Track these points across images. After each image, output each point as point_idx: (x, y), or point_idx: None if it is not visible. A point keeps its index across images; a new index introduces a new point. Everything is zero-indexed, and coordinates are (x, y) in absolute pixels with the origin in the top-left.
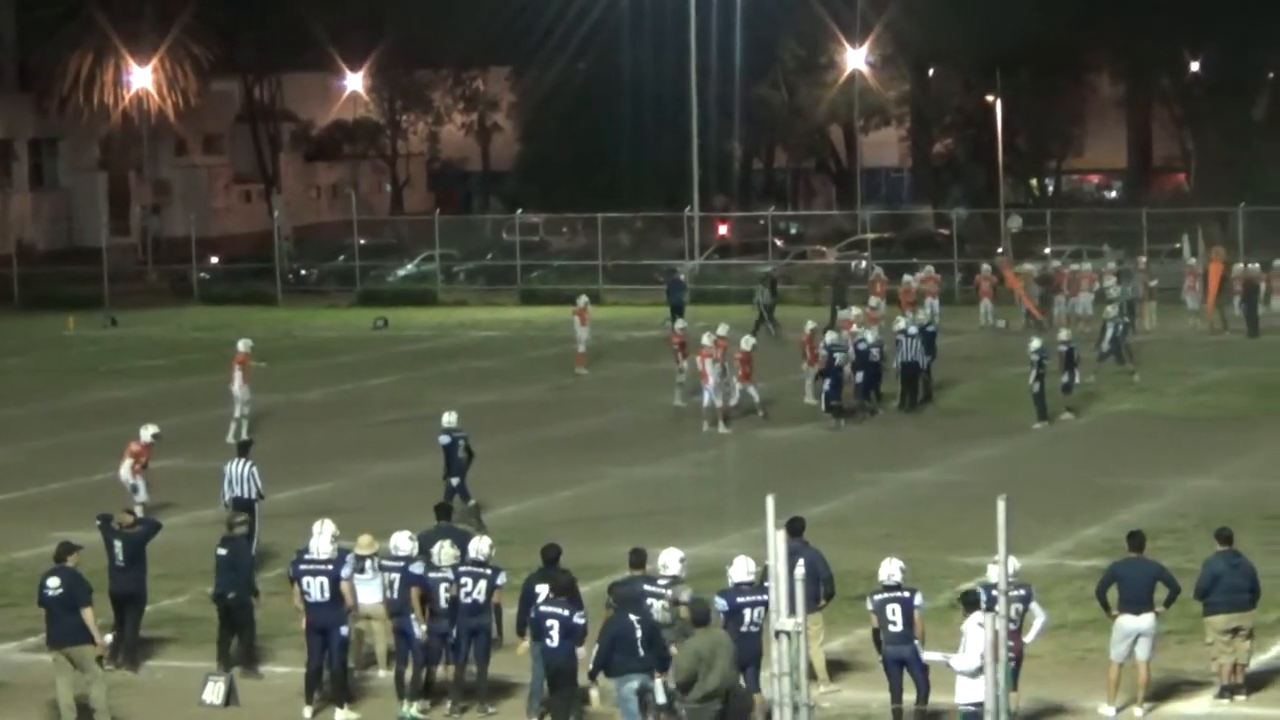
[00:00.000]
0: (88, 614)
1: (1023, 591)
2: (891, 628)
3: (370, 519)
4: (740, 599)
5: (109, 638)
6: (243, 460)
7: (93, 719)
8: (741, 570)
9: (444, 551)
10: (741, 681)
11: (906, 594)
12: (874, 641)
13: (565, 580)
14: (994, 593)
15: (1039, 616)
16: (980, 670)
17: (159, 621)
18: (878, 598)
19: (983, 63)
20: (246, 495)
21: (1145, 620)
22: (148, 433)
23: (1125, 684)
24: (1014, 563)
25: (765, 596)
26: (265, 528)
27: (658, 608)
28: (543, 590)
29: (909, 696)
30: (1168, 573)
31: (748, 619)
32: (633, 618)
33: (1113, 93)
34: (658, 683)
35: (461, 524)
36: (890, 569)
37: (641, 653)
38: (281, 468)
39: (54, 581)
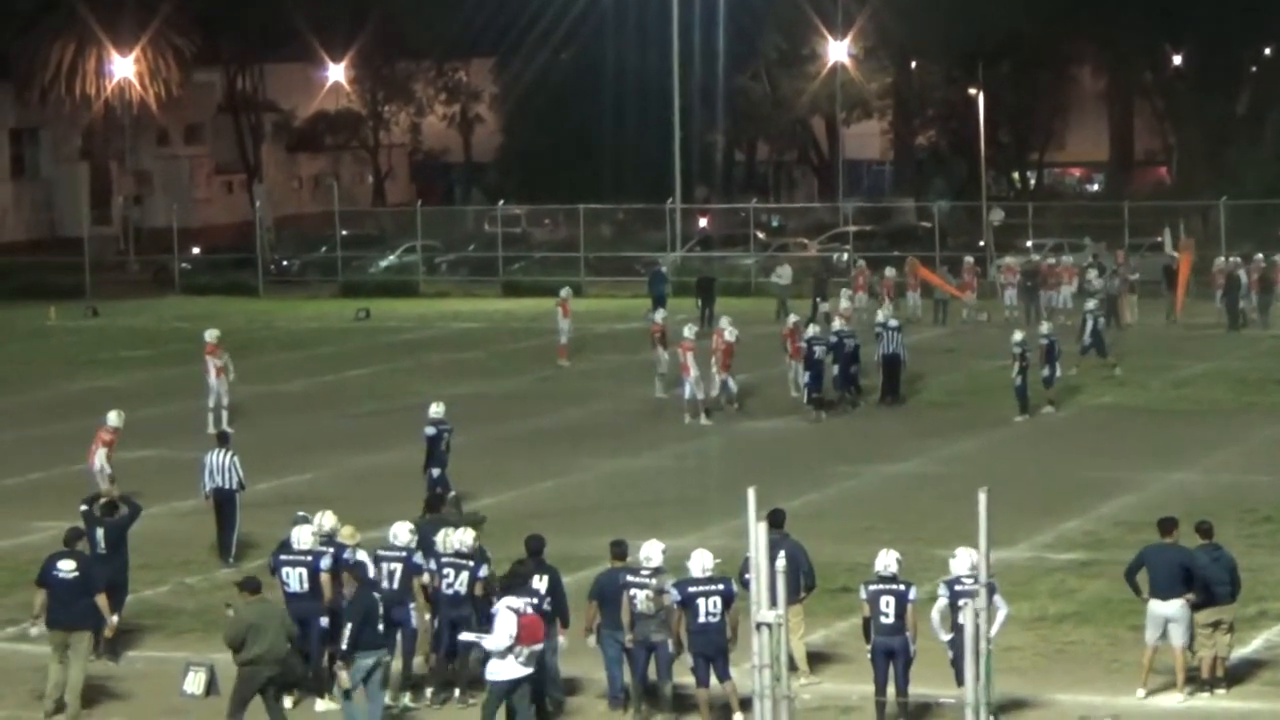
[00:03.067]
0: (101, 599)
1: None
2: (884, 619)
3: (350, 510)
4: (692, 589)
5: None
6: (223, 450)
7: (64, 698)
8: (697, 565)
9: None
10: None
11: (901, 587)
12: (863, 631)
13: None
14: (957, 586)
15: (1000, 609)
16: (509, 650)
17: (139, 612)
18: (872, 588)
19: (965, 55)
20: (228, 486)
21: (1173, 606)
22: (117, 418)
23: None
24: (972, 555)
25: (719, 587)
26: (244, 518)
27: (641, 598)
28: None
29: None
30: (1193, 562)
31: (703, 610)
32: (376, 595)
33: (1094, 86)
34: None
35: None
36: (886, 560)
37: (381, 628)
38: (261, 458)
39: (68, 565)
